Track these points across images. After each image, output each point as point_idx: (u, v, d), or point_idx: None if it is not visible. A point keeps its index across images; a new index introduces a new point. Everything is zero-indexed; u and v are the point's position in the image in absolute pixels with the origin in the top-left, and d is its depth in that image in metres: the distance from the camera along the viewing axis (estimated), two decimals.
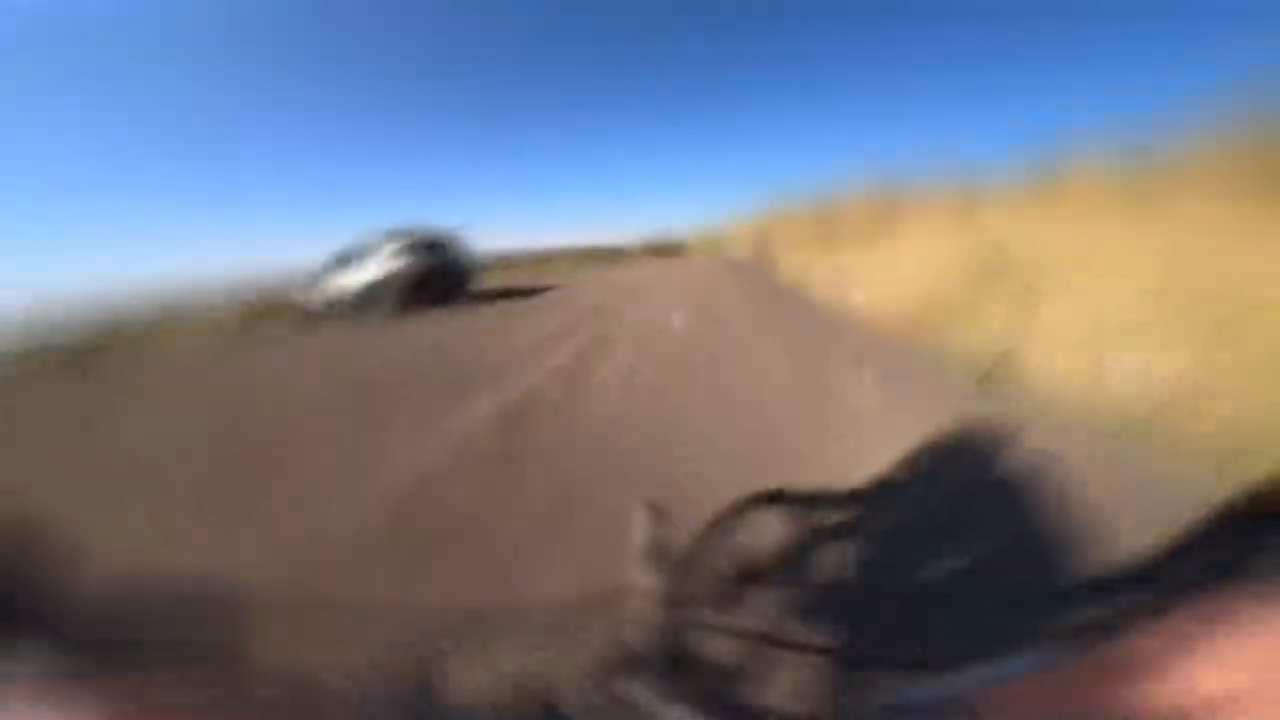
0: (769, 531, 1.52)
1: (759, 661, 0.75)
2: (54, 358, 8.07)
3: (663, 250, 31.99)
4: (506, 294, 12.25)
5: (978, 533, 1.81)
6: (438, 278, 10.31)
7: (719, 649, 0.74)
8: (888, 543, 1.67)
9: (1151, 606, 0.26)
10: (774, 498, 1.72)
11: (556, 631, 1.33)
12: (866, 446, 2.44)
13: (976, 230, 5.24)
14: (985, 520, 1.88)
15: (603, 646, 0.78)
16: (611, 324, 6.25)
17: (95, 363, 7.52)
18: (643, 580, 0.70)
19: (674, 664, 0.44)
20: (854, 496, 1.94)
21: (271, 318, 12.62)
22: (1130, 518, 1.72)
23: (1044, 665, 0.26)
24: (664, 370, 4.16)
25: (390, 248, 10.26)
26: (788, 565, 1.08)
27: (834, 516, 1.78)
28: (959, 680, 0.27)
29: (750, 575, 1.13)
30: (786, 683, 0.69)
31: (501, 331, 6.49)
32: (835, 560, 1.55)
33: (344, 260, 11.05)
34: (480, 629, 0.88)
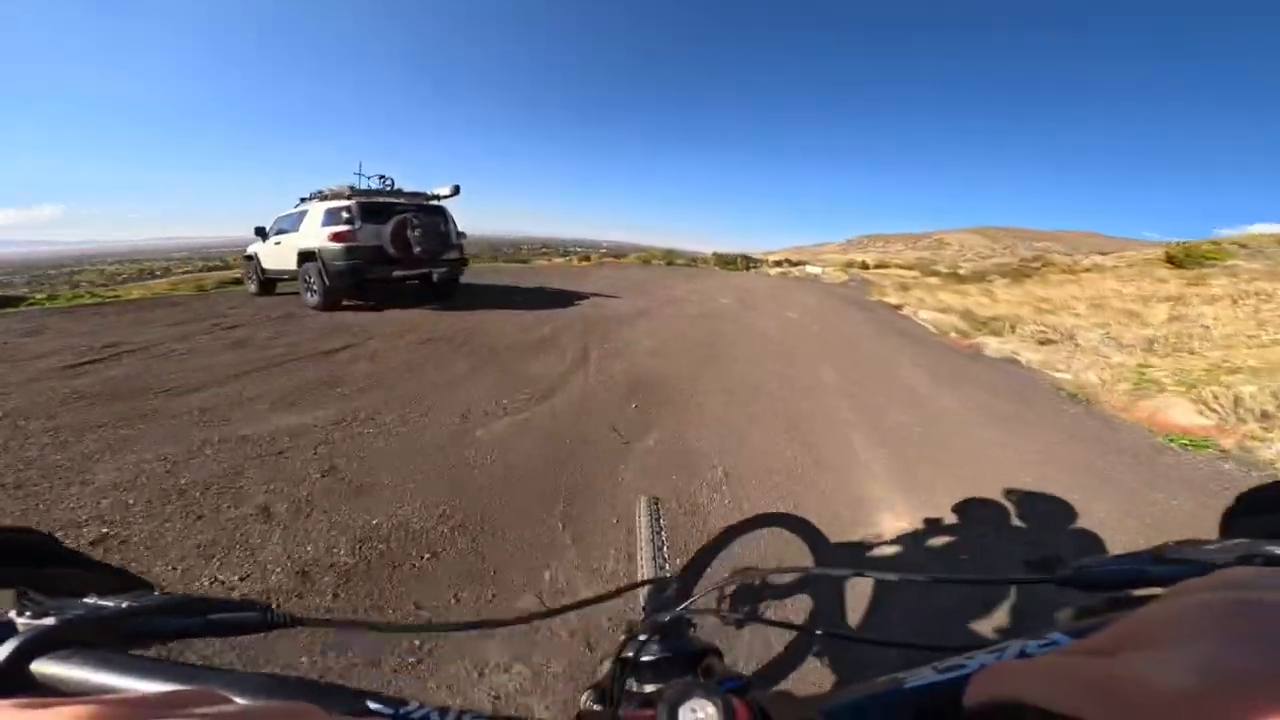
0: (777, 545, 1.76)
1: (762, 648, 1.19)
2: None
3: (734, 263, 27.16)
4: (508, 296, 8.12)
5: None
6: (391, 262, 6.31)
7: (725, 636, 1.19)
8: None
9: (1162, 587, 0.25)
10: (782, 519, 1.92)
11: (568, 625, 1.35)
12: None
13: None
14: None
15: (613, 639, 0.69)
16: None
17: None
18: (647, 572, 0.73)
19: (681, 655, 0.41)
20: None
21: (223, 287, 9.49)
22: None
23: (1049, 647, 0.25)
24: None
25: (325, 210, 6.40)
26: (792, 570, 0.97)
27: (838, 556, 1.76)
28: (963, 664, 0.25)
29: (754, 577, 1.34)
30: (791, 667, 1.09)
31: None
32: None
33: (283, 224, 7.44)
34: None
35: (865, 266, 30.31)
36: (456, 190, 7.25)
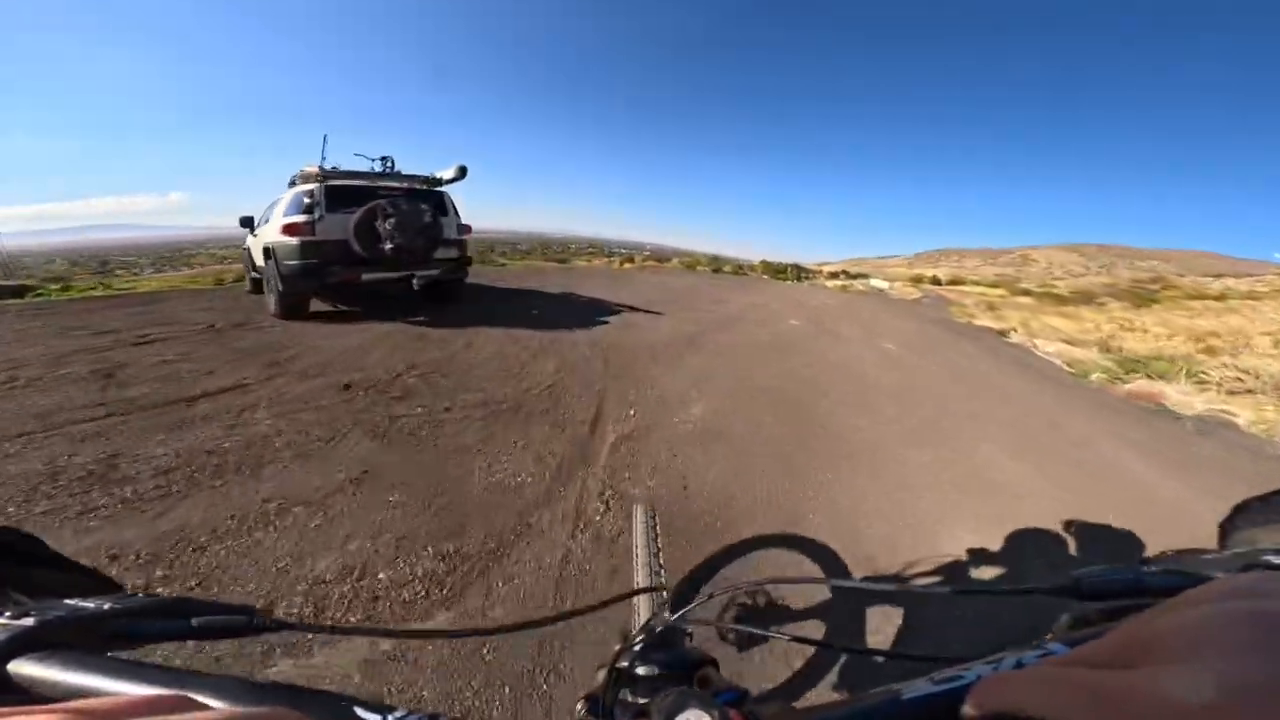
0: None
1: (762, 659, 1.14)
2: None
3: (784, 273, 24.77)
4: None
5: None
6: (361, 261, 4.95)
7: (722, 648, 1.11)
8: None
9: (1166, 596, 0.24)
10: (789, 540, 1.74)
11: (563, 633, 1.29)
12: None
13: None
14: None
15: (607, 649, 0.60)
16: None
17: None
18: (643, 581, 0.70)
19: (677, 665, 0.39)
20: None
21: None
22: None
23: (1047, 657, 0.24)
24: None
25: (292, 196, 5.13)
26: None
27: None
28: (961, 675, 0.25)
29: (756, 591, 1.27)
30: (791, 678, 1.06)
31: None
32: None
33: (269, 213, 6.30)
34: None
35: (937, 282, 27.04)
36: (463, 172, 5.69)
